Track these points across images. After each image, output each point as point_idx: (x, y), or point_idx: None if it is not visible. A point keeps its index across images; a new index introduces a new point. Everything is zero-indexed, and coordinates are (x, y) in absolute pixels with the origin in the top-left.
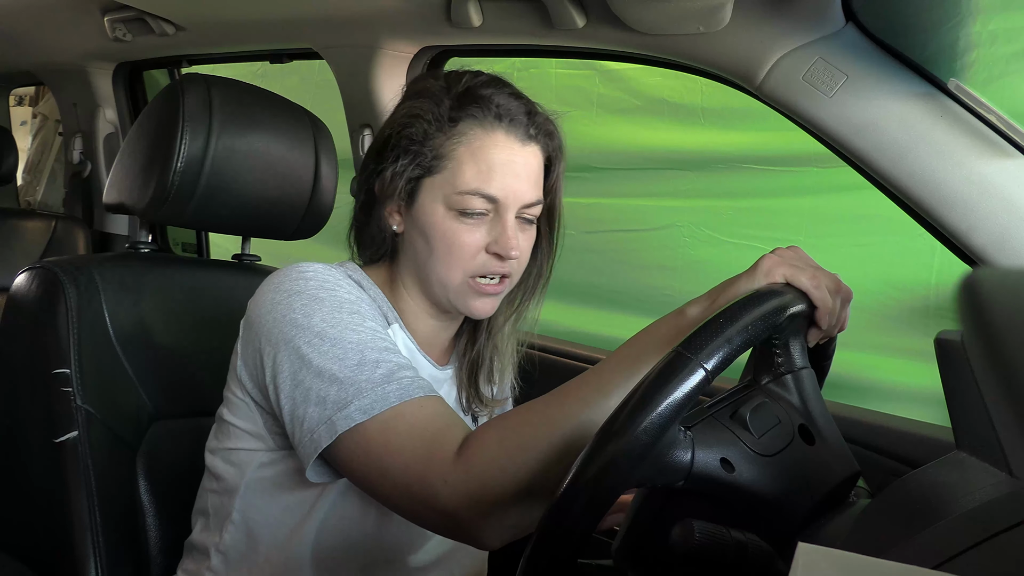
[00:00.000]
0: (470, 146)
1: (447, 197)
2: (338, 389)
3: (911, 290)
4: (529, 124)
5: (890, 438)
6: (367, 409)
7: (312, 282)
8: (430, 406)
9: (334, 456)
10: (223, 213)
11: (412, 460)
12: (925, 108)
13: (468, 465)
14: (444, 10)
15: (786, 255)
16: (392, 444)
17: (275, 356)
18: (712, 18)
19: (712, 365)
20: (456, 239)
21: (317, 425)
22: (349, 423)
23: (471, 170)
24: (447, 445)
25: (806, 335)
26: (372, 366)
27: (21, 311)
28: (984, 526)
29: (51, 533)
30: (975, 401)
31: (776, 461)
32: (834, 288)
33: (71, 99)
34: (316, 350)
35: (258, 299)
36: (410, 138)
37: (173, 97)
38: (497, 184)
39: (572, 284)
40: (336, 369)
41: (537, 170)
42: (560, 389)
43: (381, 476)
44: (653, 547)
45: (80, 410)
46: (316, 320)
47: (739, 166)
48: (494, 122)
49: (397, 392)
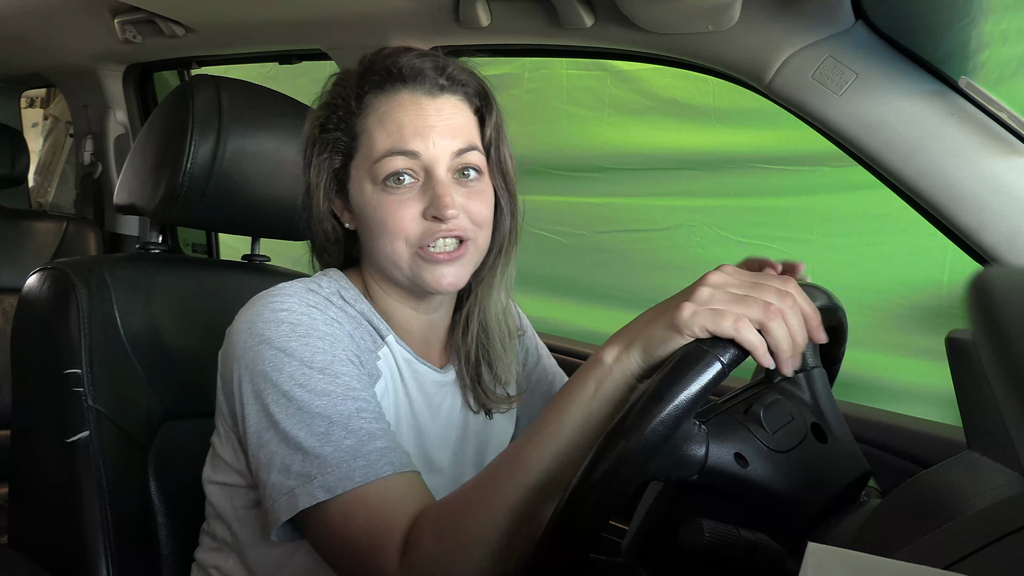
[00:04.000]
0: (376, 113)
1: (369, 171)
2: (302, 460)
3: (923, 289)
4: (438, 76)
5: (901, 438)
6: (330, 487)
7: (283, 327)
8: (394, 486)
9: (296, 522)
10: (233, 214)
11: (362, 550)
12: (935, 106)
13: (410, 568)
14: (452, 10)
15: (708, 294)
16: (348, 529)
17: (244, 406)
18: (721, 17)
19: (728, 359)
20: (387, 210)
21: (279, 495)
22: (311, 500)
23: (381, 134)
24: (395, 539)
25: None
26: (340, 435)
27: (33, 312)
28: (995, 526)
29: (63, 532)
30: (986, 400)
31: (789, 458)
32: (765, 317)
33: (82, 101)
34: (284, 411)
35: (231, 337)
36: (325, 128)
37: (183, 98)
38: (410, 137)
39: (583, 283)
40: (302, 437)
41: (459, 119)
42: (488, 472)
43: (334, 555)
44: (664, 544)
45: (91, 410)
46: (284, 378)
47: (750, 166)
48: (397, 85)
49: (363, 470)
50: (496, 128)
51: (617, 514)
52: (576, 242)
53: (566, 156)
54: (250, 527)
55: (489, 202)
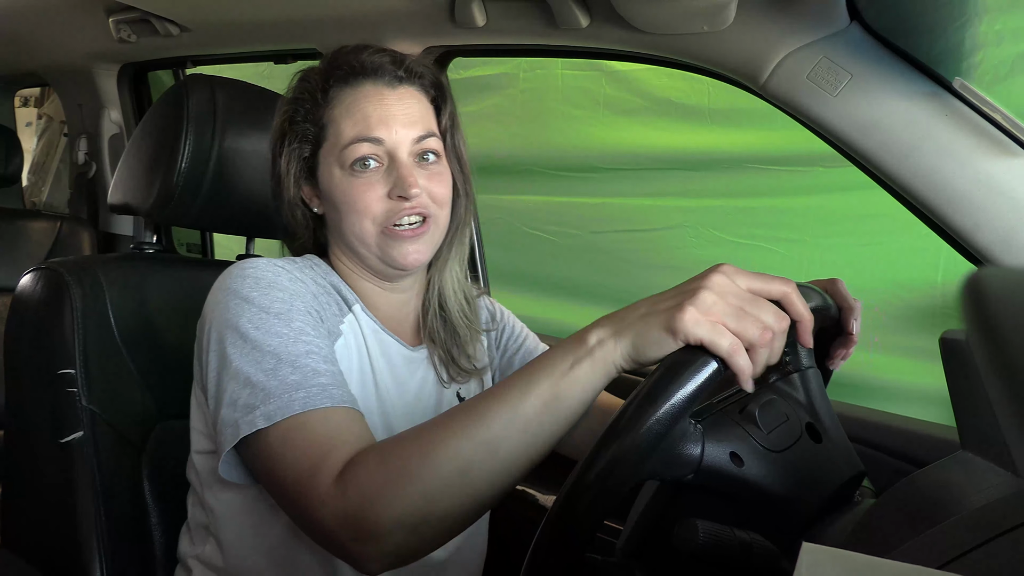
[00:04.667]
0: (342, 104)
1: (338, 157)
2: (249, 393)
3: (917, 289)
4: (396, 69)
5: (895, 438)
6: (270, 415)
7: (248, 280)
8: (335, 418)
9: (241, 457)
10: (227, 213)
11: (299, 475)
12: (930, 107)
13: (344, 490)
14: (448, 10)
15: (711, 301)
16: (287, 456)
17: (208, 353)
18: (716, 17)
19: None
20: (355, 192)
21: (226, 427)
22: (251, 428)
23: (348, 123)
24: (332, 465)
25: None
26: (288, 371)
27: (26, 312)
28: (989, 526)
29: (57, 533)
30: (980, 400)
31: (784, 457)
32: (759, 341)
33: (76, 100)
34: (239, 351)
35: (207, 302)
36: (293, 121)
37: (178, 98)
38: (375, 126)
39: (579, 283)
40: (251, 372)
41: (417, 108)
42: (445, 415)
43: (273, 484)
44: (659, 544)
45: (85, 410)
46: (243, 321)
47: (745, 166)
48: (360, 78)
49: (303, 400)
50: (451, 117)
51: (612, 513)
52: (571, 242)
53: (561, 156)
54: (220, 493)
55: (447, 183)
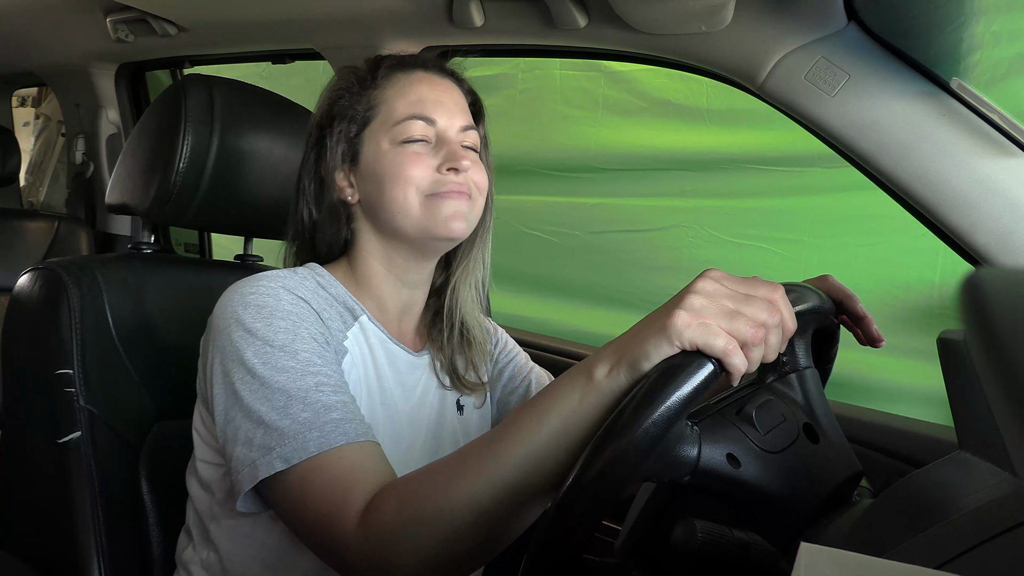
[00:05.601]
0: (396, 86)
1: (388, 132)
2: (263, 433)
3: (915, 290)
4: (443, 64)
5: (893, 438)
6: (287, 458)
7: (250, 309)
8: (350, 457)
9: (260, 493)
10: (225, 214)
11: (322, 516)
12: (927, 107)
13: (367, 535)
14: (446, 10)
15: (700, 304)
16: (307, 497)
17: (214, 385)
18: (714, 18)
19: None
20: (405, 162)
21: (242, 467)
22: (270, 470)
23: (402, 103)
24: (353, 508)
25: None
26: (298, 409)
27: (24, 312)
28: (987, 526)
29: (55, 533)
30: (978, 401)
31: (781, 458)
32: (753, 340)
33: (74, 100)
34: (247, 387)
35: (210, 322)
36: (340, 107)
37: (175, 98)
38: (430, 107)
39: (577, 284)
40: (263, 411)
41: (463, 102)
42: (458, 454)
43: (297, 523)
44: (657, 545)
45: (83, 411)
46: (248, 355)
47: (743, 166)
48: (412, 67)
49: (317, 441)
50: (484, 129)
51: (610, 515)
52: (569, 242)
53: (559, 156)
54: (224, 505)
55: (485, 175)
